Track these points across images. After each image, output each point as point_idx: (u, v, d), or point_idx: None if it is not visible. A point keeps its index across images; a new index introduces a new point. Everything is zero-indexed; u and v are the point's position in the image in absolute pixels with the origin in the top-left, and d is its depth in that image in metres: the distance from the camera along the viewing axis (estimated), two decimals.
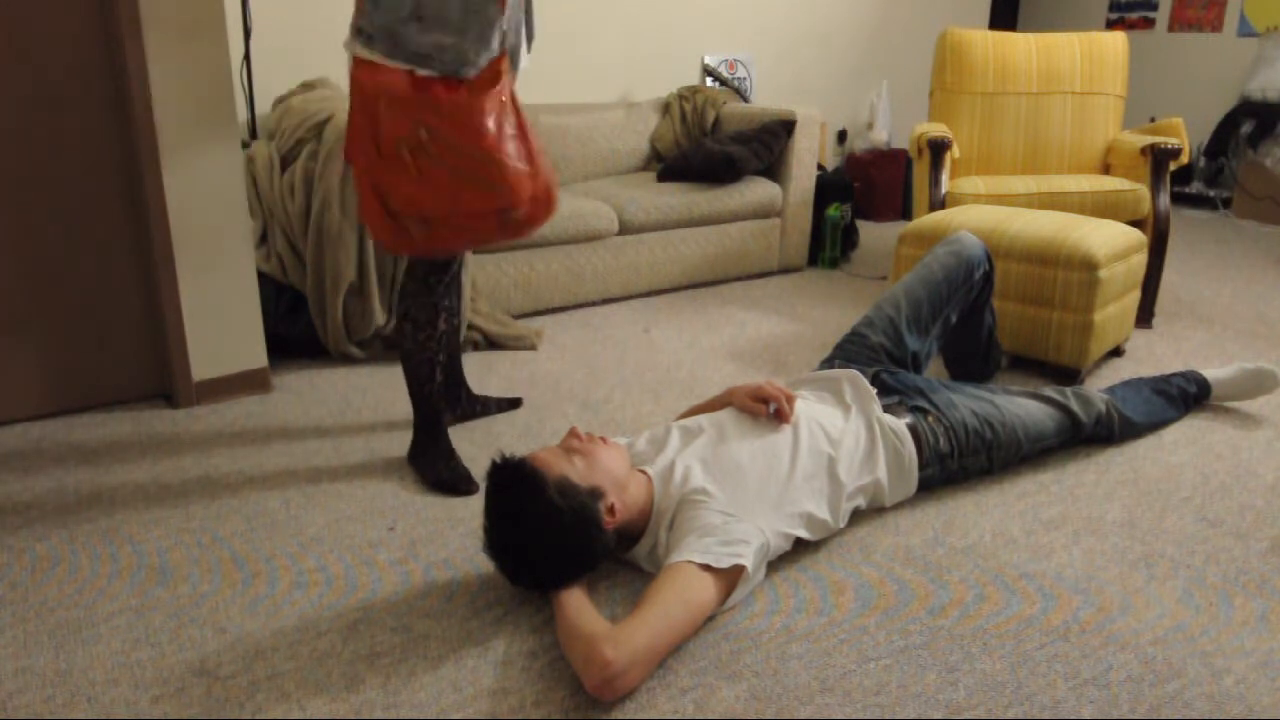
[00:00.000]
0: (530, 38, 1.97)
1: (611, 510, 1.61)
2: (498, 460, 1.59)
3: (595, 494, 1.60)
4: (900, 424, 1.98)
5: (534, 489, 1.54)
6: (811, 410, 1.92)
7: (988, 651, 1.53)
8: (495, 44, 1.83)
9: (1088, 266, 2.60)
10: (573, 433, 1.72)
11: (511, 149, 1.86)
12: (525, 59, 1.97)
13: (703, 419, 1.90)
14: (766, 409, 1.87)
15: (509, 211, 1.87)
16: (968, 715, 1.39)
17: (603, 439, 1.74)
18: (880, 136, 5.32)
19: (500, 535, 1.57)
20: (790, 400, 1.88)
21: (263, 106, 3.45)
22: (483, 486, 2.06)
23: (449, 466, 2.12)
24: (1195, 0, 6.14)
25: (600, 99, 4.45)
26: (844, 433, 1.89)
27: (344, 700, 1.40)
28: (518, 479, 1.55)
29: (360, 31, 1.81)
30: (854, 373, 2.05)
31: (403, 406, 2.54)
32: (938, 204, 3.36)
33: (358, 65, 1.83)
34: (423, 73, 1.78)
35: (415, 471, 2.17)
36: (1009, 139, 3.80)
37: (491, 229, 1.89)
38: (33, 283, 2.34)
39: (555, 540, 1.54)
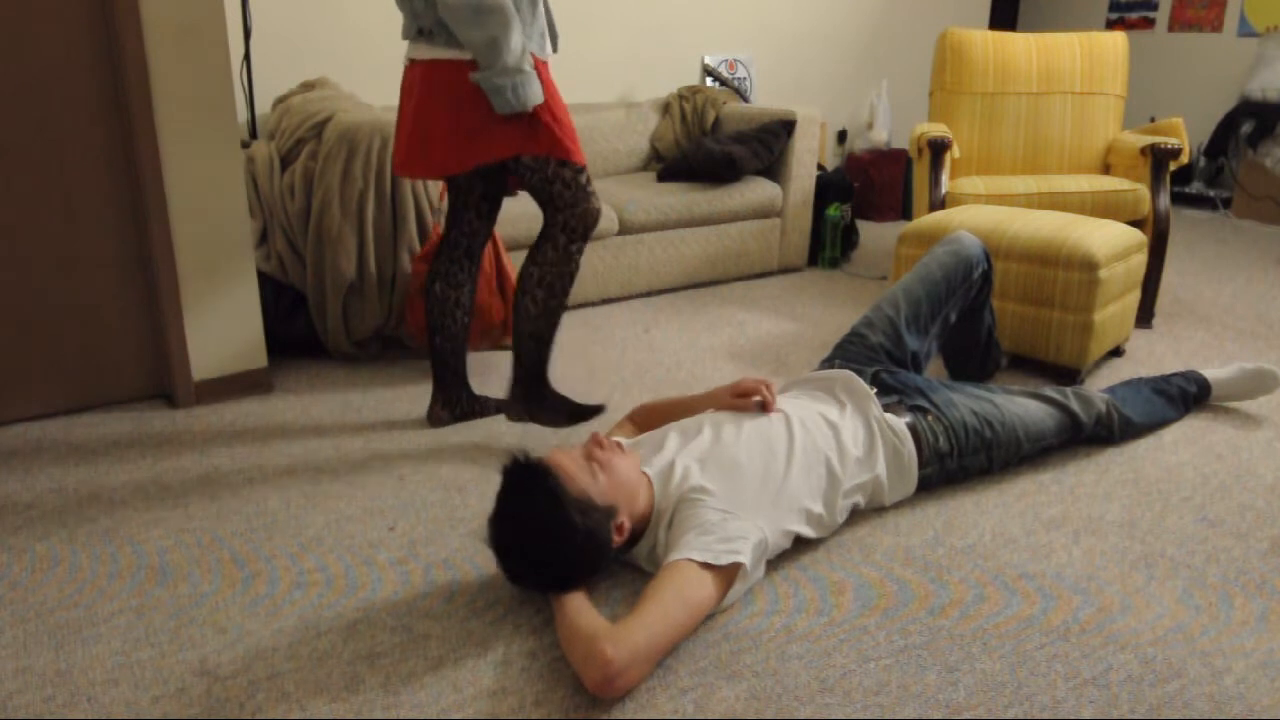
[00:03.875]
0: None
1: (620, 529, 1.61)
2: (520, 460, 1.56)
3: (610, 513, 1.59)
4: (900, 423, 1.98)
5: (555, 504, 1.52)
6: (808, 408, 1.93)
7: (988, 651, 1.53)
8: None
9: (1088, 266, 2.60)
10: (596, 440, 1.69)
11: None
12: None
13: (702, 419, 1.90)
14: (751, 403, 1.89)
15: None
16: (968, 715, 1.39)
17: (618, 444, 1.72)
18: (880, 136, 5.32)
19: (510, 538, 1.55)
20: (769, 387, 1.90)
21: (263, 106, 3.45)
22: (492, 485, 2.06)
23: (570, 402, 2.30)
24: (1195, 0, 6.14)
25: (600, 99, 4.45)
26: (841, 430, 1.90)
27: (344, 700, 1.40)
28: (540, 489, 1.52)
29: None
30: (849, 373, 2.05)
31: (402, 405, 2.54)
32: (938, 204, 3.36)
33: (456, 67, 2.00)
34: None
35: (544, 419, 2.29)
36: (1009, 139, 3.80)
37: None
38: (33, 283, 2.34)
39: (565, 554, 1.53)
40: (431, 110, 2.05)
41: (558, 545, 1.52)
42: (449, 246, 2.29)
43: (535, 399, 2.29)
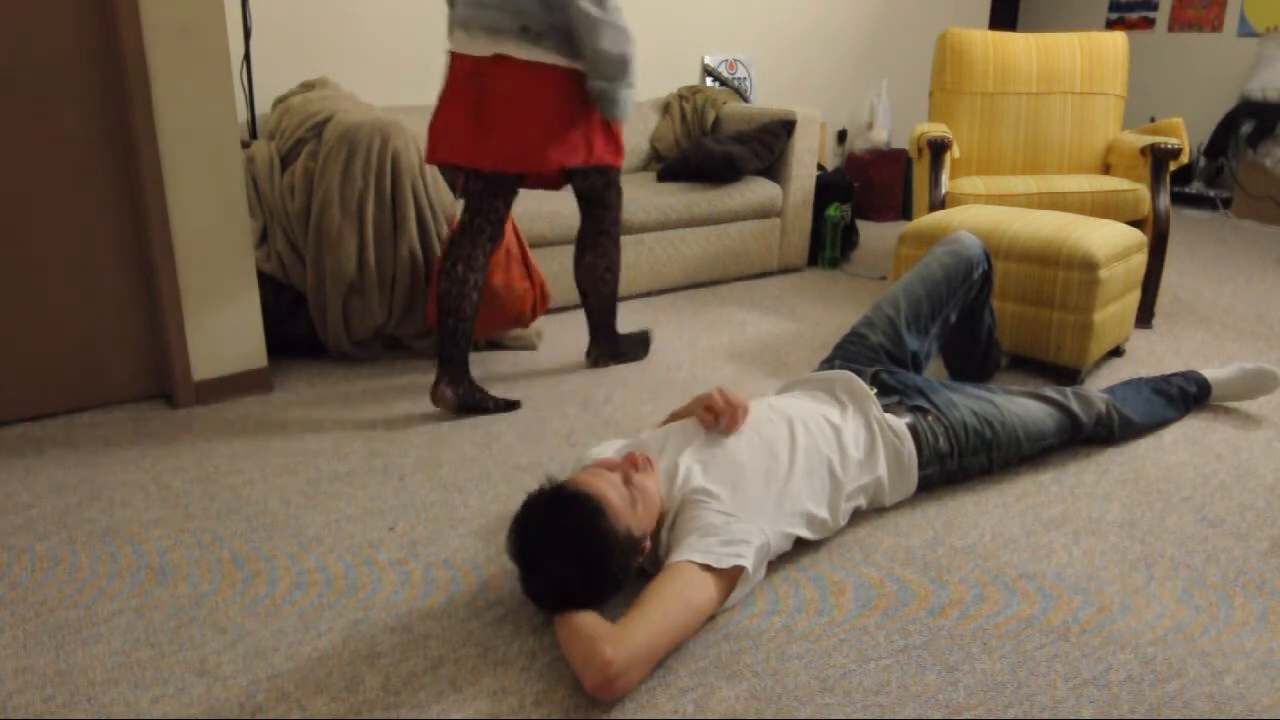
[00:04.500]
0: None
1: (644, 551, 1.60)
2: (570, 492, 1.51)
3: (642, 541, 1.59)
4: (900, 423, 1.97)
5: (605, 547, 1.49)
6: (809, 408, 1.92)
7: (988, 651, 1.53)
8: None
9: (1088, 266, 2.60)
10: (633, 462, 1.65)
11: None
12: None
13: (698, 422, 1.89)
14: (716, 421, 1.81)
15: None
16: (968, 715, 1.39)
17: (650, 462, 1.68)
18: (880, 136, 5.32)
19: (548, 569, 1.51)
20: (736, 410, 1.80)
21: (263, 106, 3.45)
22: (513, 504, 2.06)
23: (635, 337, 2.92)
24: (1195, 0, 6.14)
25: None
26: (842, 432, 1.89)
27: (344, 700, 1.40)
28: (592, 530, 1.48)
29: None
30: (849, 374, 2.04)
31: (402, 405, 2.54)
32: (938, 204, 3.36)
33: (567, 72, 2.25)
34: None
35: (629, 357, 2.90)
36: (1009, 139, 3.80)
37: None
38: (33, 282, 2.34)
39: (600, 589, 1.51)
40: (526, 110, 2.22)
41: (596, 582, 1.50)
42: (473, 232, 2.37)
43: (615, 347, 2.87)
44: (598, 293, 2.72)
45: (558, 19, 2.16)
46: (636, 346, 2.92)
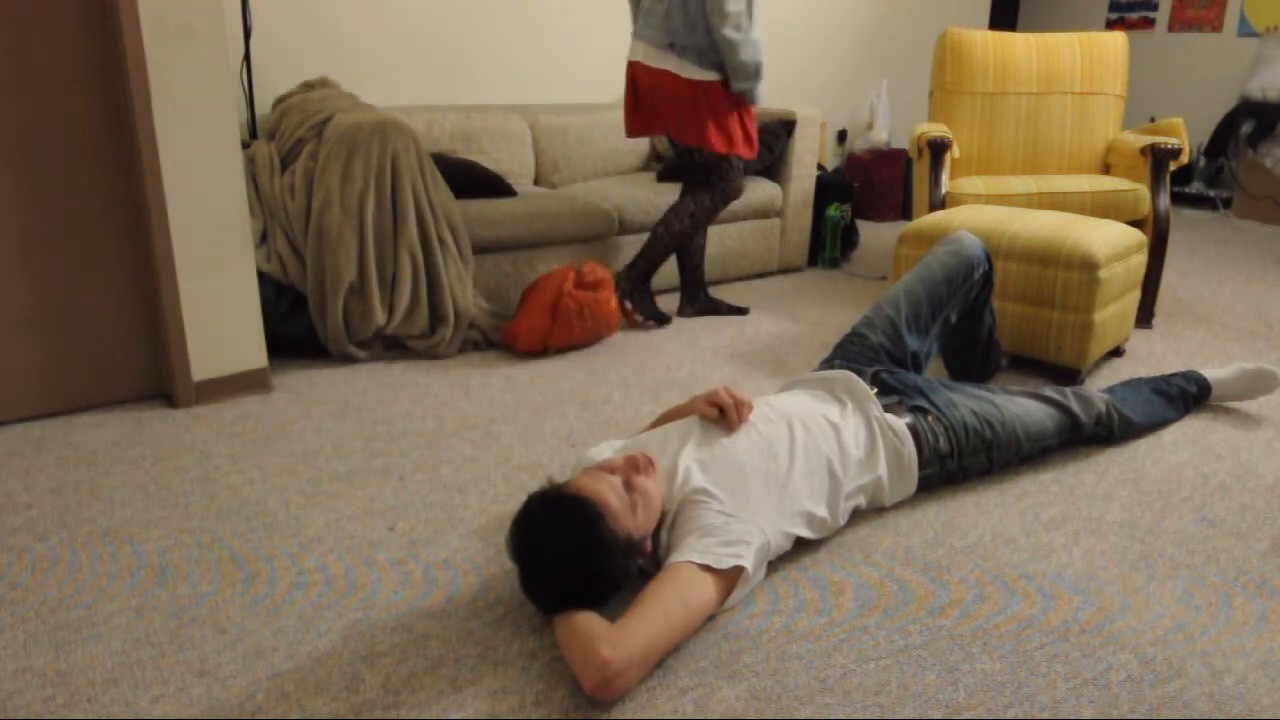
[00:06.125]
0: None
1: (643, 553, 1.60)
2: (571, 498, 1.51)
3: (643, 544, 1.58)
4: (900, 423, 1.97)
5: (605, 552, 1.48)
6: (809, 407, 1.92)
7: (988, 651, 1.53)
8: None
9: (1088, 266, 2.60)
10: (635, 466, 1.64)
11: None
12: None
13: (701, 421, 1.89)
14: (720, 416, 1.82)
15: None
16: (968, 715, 1.39)
17: (651, 464, 1.67)
18: (880, 136, 5.32)
19: (548, 573, 1.51)
20: (741, 407, 1.82)
21: (263, 106, 3.45)
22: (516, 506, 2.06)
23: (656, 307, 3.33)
24: (1195, 0, 6.14)
25: (600, 99, 4.45)
26: (842, 431, 1.89)
27: (344, 700, 1.40)
28: (592, 536, 1.47)
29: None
30: (849, 374, 2.04)
31: (402, 406, 2.54)
32: (938, 204, 3.36)
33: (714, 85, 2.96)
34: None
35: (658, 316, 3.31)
36: (1009, 139, 3.80)
37: None
38: (32, 282, 2.34)
39: (599, 591, 1.51)
40: (704, 111, 2.96)
41: (595, 585, 1.50)
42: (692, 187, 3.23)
43: (644, 282, 3.25)
44: (671, 235, 3.18)
45: (699, 38, 2.84)
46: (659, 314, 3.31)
